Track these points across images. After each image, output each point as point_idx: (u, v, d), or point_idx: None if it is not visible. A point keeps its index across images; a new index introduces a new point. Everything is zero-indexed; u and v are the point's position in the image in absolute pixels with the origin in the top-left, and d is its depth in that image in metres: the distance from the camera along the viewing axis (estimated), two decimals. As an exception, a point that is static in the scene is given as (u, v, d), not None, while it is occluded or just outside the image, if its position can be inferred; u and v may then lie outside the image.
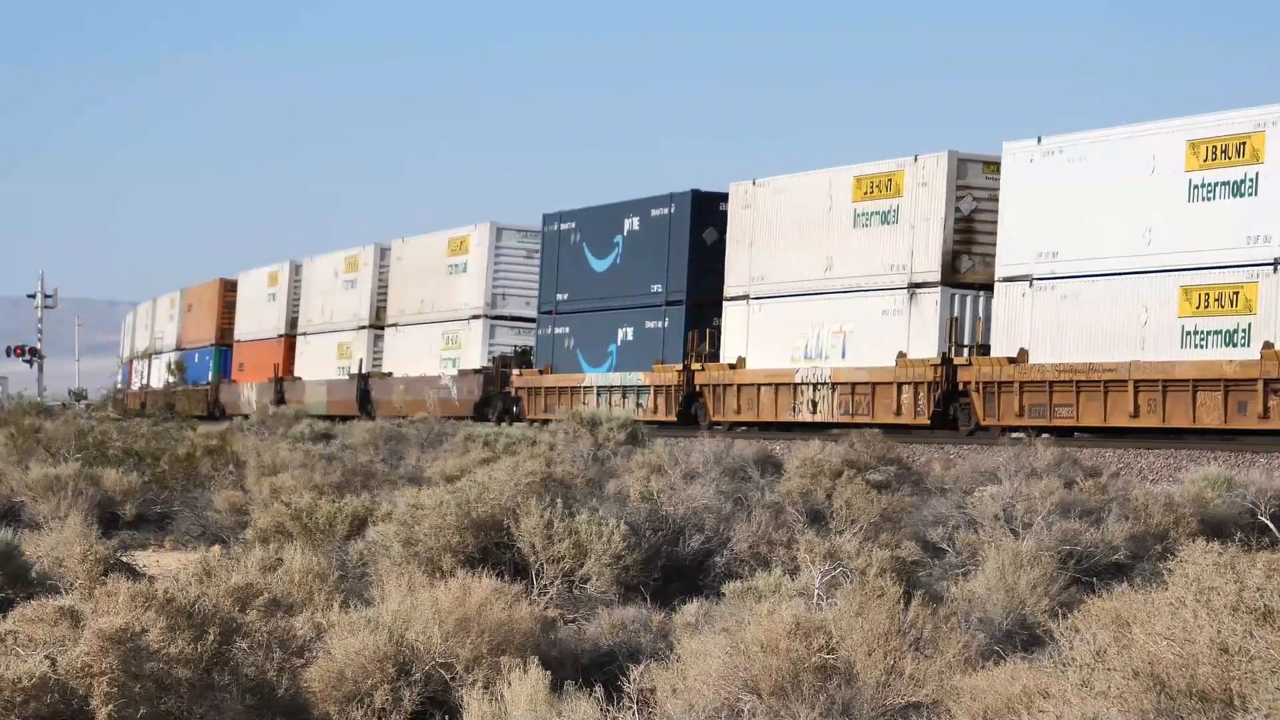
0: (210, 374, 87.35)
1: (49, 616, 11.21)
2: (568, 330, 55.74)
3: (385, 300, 69.14)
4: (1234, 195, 35.17)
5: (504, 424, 52.16)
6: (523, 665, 11.65)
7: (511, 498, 16.55)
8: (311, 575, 14.50)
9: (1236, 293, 34.93)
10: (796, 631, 11.41)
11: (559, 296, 56.32)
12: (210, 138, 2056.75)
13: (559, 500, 16.60)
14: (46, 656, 10.71)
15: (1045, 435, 35.37)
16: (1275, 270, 34.35)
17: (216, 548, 21.02)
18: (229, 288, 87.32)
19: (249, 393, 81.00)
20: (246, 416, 66.18)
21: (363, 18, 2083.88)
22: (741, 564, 17.31)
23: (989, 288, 40.86)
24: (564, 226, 56.36)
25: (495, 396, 59.19)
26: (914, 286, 42.36)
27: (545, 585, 15.76)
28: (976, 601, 15.09)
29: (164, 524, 25.01)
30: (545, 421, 51.10)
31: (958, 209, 42.07)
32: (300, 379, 75.46)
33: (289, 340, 77.75)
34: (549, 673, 11.48)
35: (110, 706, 10.67)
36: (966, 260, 41.96)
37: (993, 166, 41.44)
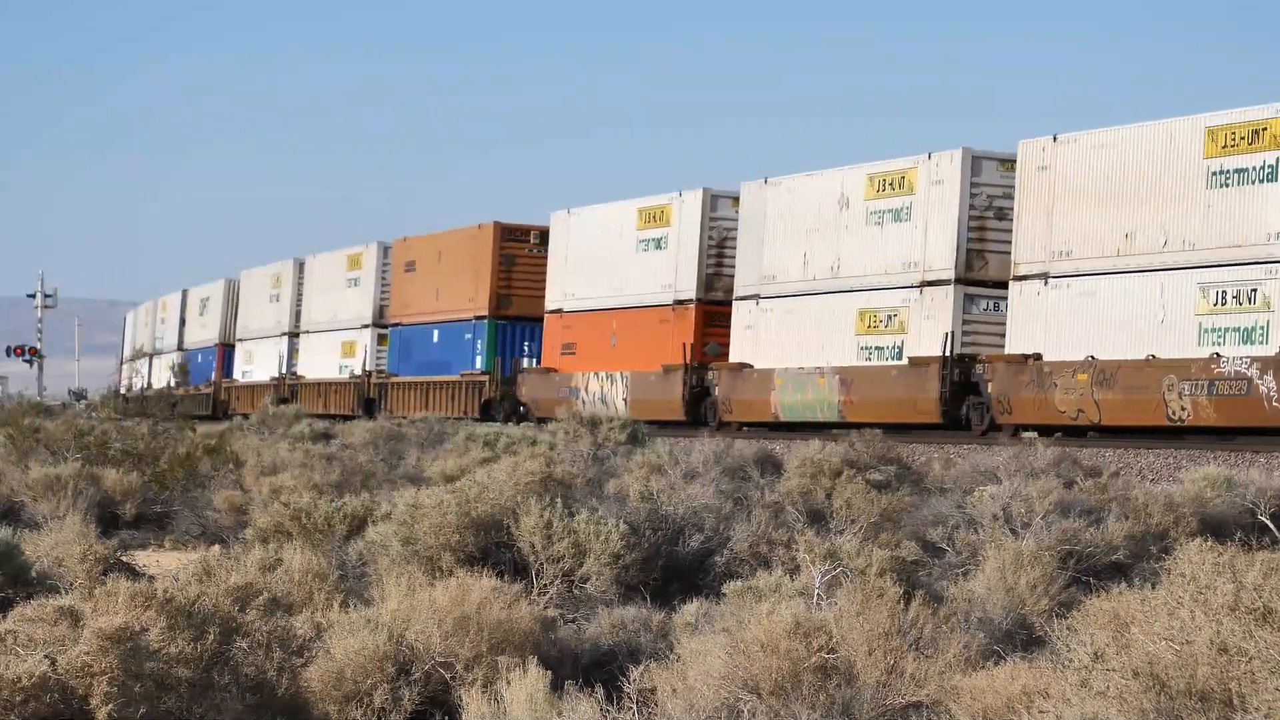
0: (479, 359, 60.91)
1: (49, 616, 11.21)
2: None
3: (985, 236, 42.00)
4: None
5: None
6: (522, 665, 11.66)
7: (511, 497, 16.55)
8: (311, 575, 14.51)
9: None
10: (796, 631, 11.41)
11: None
12: (211, 137, 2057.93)
13: (559, 500, 16.60)
14: (46, 656, 10.72)
15: None
16: None
17: (216, 547, 21.04)
18: (513, 235, 61.30)
19: (603, 386, 53.80)
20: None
21: (365, 13, 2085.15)
22: (741, 564, 17.32)
23: None
24: None
25: None
26: None
27: (545, 585, 15.76)
28: (976, 601, 15.09)
29: (164, 524, 25.02)
30: None
31: None
32: (751, 368, 47.51)
33: (704, 309, 50.34)
34: (549, 672, 11.48)
35: (110, 706, 10.67)
36: None
37: None
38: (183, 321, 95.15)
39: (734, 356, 48.02)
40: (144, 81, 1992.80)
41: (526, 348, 60.05)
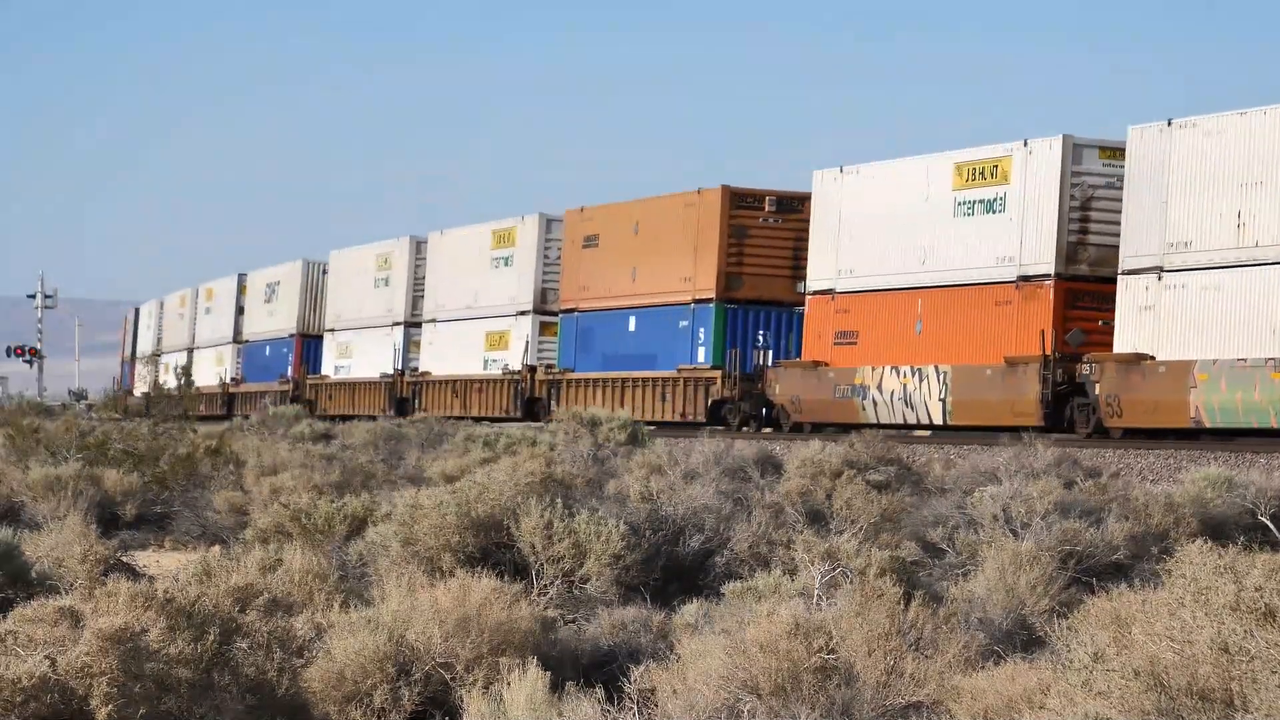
0: (702, 351, 49.64)
1: (49, 616, 11.21)
2: None
3: None
4: None
5: None
6: (522, 665, 11.66)
7: (511, 498, 16.55)
8: (311, 575, 14.51)
9: None
10: (796, 632, 11.41)
11: None
12: (211, 138, 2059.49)
13: (559, 500, 16.60)
14: (46, 656, 10.71)
15: None
16: None
17: (216, 548, 21.04)
18: (744, 200, 49.69)
19: (905, 385, 43.28)
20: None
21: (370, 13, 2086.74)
22: (741, 564, 17.33)
23: None
24: None
25: None
26: None
27: (545, 585, 15.76)
28: (976, 601, 15.10)
29: (164, 524, 25.03)
30: None
31: None
32: (1153, 360, 37.35)
33: (1065, 287, 40.13)
34: (549, 673, 11.49)
35: (110, 706, 10.67)
36: None
37: None
38: (240, 310, 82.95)
39: (1122, 345, 37.90)
40: (144, 81, 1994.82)
41: (761, 337, 49.37)
